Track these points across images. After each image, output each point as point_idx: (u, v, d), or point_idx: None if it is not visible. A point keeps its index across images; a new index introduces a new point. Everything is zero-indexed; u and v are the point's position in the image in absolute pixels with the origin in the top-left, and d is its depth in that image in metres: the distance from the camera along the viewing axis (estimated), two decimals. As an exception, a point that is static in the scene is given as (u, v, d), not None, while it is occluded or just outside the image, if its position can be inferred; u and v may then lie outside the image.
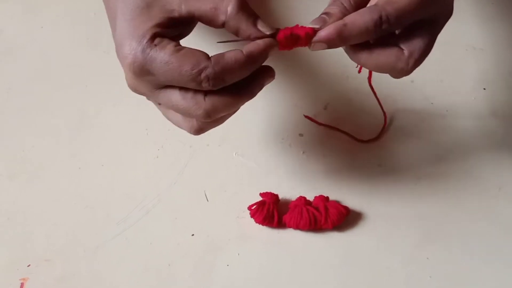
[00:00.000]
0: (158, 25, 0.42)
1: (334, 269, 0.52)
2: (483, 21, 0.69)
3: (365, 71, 0.51)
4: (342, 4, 0.44)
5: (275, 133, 0.60)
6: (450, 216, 0.55)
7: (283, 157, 0.59)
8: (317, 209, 0.54)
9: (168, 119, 0.47)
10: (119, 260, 0.52)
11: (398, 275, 0.52)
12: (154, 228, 0.54)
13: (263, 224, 0.54)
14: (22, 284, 0.51)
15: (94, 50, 0.66)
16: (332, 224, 0.53)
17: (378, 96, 0.59)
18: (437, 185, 0.57)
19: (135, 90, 0.45)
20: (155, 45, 0.41)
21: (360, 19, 0.43)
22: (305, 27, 0.44)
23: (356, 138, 0.60)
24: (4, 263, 0.52)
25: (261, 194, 0.55)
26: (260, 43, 0.43)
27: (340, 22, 0.43)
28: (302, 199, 0.55)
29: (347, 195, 0.56)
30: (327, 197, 0.55)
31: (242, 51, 0.42)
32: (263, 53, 0.43)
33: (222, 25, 0.44)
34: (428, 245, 0.54)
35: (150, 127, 0.60)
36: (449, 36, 0.68)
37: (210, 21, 0.44)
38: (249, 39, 0.44)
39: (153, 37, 0.42)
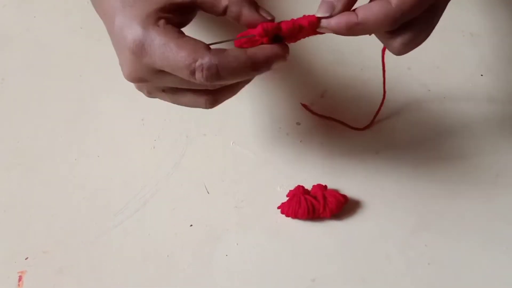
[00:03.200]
0: (162, 9, 0.41)
1: (333, 258, 0.52)
2: (480, 7, 0.68)
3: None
4: None
5: (272, 122, 0.60)
6: (447, 203, 0.55)
7: (280, 146, 0.58)
8: (315, 198, 0.54)
9: (178, 103, 0.45)
10: (118, 252, 0.52)
11: (397, 262, 0.52)
12: (152, 219, 0.54)
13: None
14: (20, 277, 0.51)
15: (89, 39, 0.65)
16: (330, 213, 0.53)
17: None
18: (434, 172, 0.57)
19: (134, 76, 0.43)
20: (158, 26, 0.41)
21: (373, 18, 0.41)
22: (308, 16, 0.43)
23: (352, 127, 0.59)
24: (1, 256, 0.52)
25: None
26: (267, 48, 0.42)
27: (353, 19, 0.41)
28: (300, 188, 0.55)
29: (345, 183, 0.56)
30: (325, 186, 0.55)
31: (245, 51, 0.41)
32: (268, 60, 0.42)
33: (224, 12, 0.43)
34: (426, 232, 0.54)
35: (146, 117, 0.60)
36: (446, 22, 0.67)
37: (212, 7, 0.43)
38: (250, 26, 0.43)
39: (157, 19, 0.41)
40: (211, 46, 0.41)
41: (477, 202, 0.55)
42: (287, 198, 0.54)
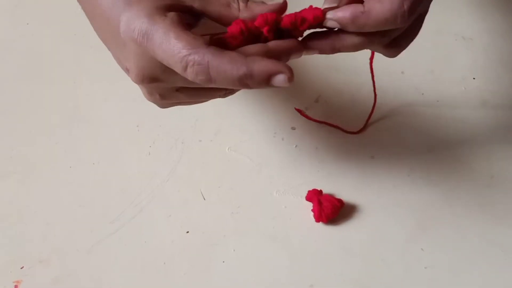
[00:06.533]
0: (171, 6, 0.40)
1: (330, 263, 0.52)
2: (472, 10, 0.69)
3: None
4: None
5: (268, 127, 0.60)
6: (443, 206, 0.56)
7: (276, 151, 0.58)
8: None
9: (198, 101, 0.44)
10: (114, 259, 0.52)
11: (394, 267, 0.52)
12: (148, 226, 0.54)
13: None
14: (15, 286, 0.50)
15: (83, 46, 0.65)
16: (326, 218, 0.53)
17: (370, 86, 0.59)
18: (429, 175, 0.57)
19: (143, 74, 0.41)
20: (165, 16, 0.39)
21: (380, 12, 0.40)
22: (314, 8, 0.42)
23: (347, 131, 0.60)
24: (-3, 265, 0.52)
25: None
26: (268, 62, 0.38)
27: (359, 8, 0.40)
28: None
29: (341, 188, 0.56)
30: (321, 191, 0.55)
31: (245, 65, 0.37)
32: (267, 75, 0.38)
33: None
34: (422, 236, 0.54)
35: (141, 123, 0.60)
36: (438, 25, 0.68)
37: (221, 18, 0.41)
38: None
39: (165, 11, 0.39)
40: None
41: (472, 205, 0.56)
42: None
